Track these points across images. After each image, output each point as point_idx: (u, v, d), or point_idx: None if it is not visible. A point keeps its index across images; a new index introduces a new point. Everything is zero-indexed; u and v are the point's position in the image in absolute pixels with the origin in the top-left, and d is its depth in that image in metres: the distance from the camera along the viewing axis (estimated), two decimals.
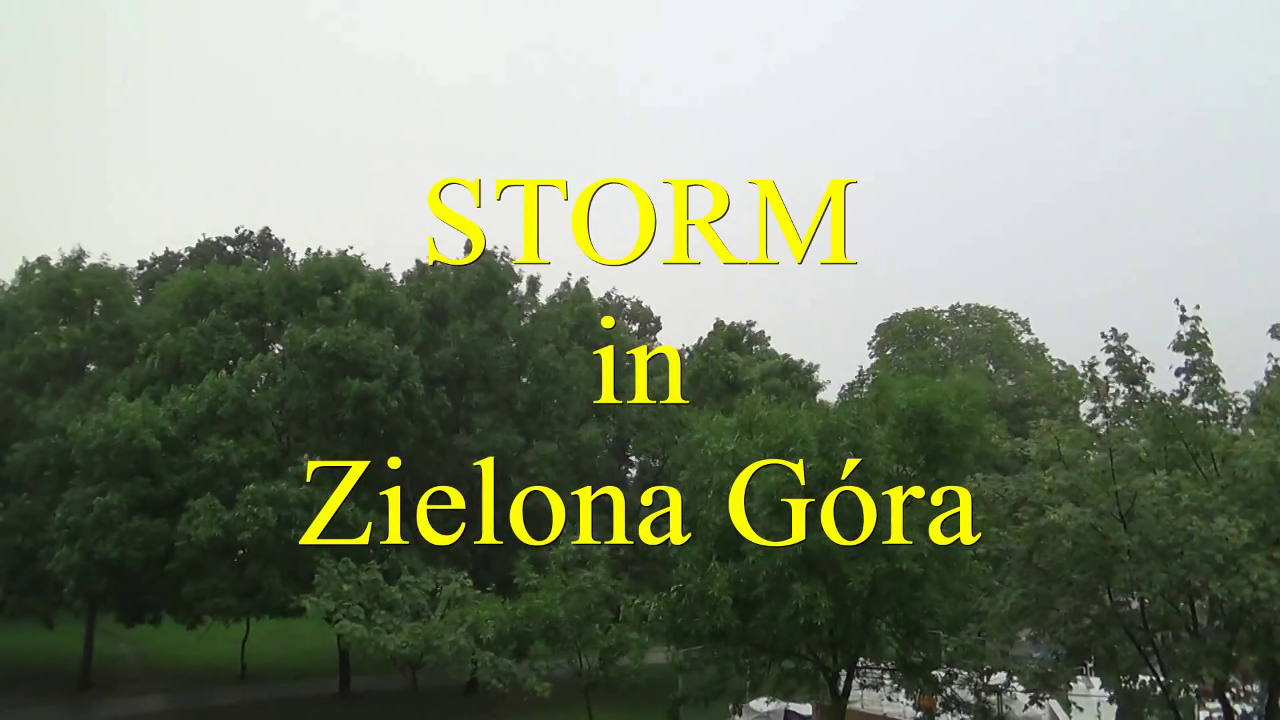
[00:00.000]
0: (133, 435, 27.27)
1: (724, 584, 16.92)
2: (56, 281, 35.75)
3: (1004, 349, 69.79)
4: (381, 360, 30.64)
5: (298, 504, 27.46)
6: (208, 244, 61.05)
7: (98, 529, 26.86)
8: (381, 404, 30.26)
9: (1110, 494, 13.69)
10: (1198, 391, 15.24)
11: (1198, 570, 12.92)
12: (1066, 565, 14.49)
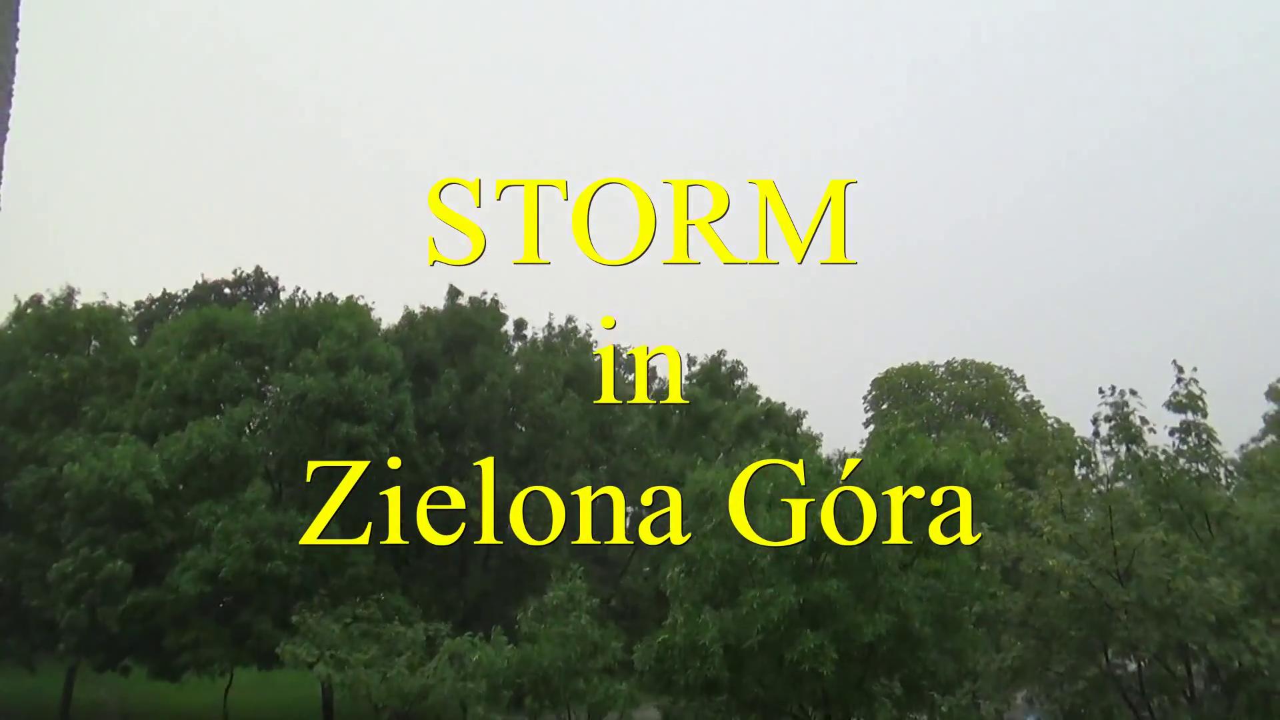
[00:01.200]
0: (124, 486, 26.99)
1: (715, 634, 16.75)
2: (50, 319, 35.71)
3: (999, 406, 69.85)
4: (374, 405, 30.49)
5: (271, 532, 27.04)
6: (205, 286, 61.35)
7: (105, 597, 26.49)
8: (372, 449, 30.07)
9: (1109, 550, 13.62)
10: (1191, 452, 15.27)
11: (1195, 632, 12.80)
12: (1063, 622, 14.35)
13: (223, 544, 26.48)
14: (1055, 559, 13.36)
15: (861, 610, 16.32)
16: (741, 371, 45.45)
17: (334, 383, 30.15)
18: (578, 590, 21.77)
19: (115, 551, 26.94)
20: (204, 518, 27.99)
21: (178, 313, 58.50)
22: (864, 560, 17.07)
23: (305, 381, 30.46)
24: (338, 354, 31.64)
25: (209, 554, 26.70)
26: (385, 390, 31.31)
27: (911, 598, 16.74)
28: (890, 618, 16.26)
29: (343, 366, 31.19)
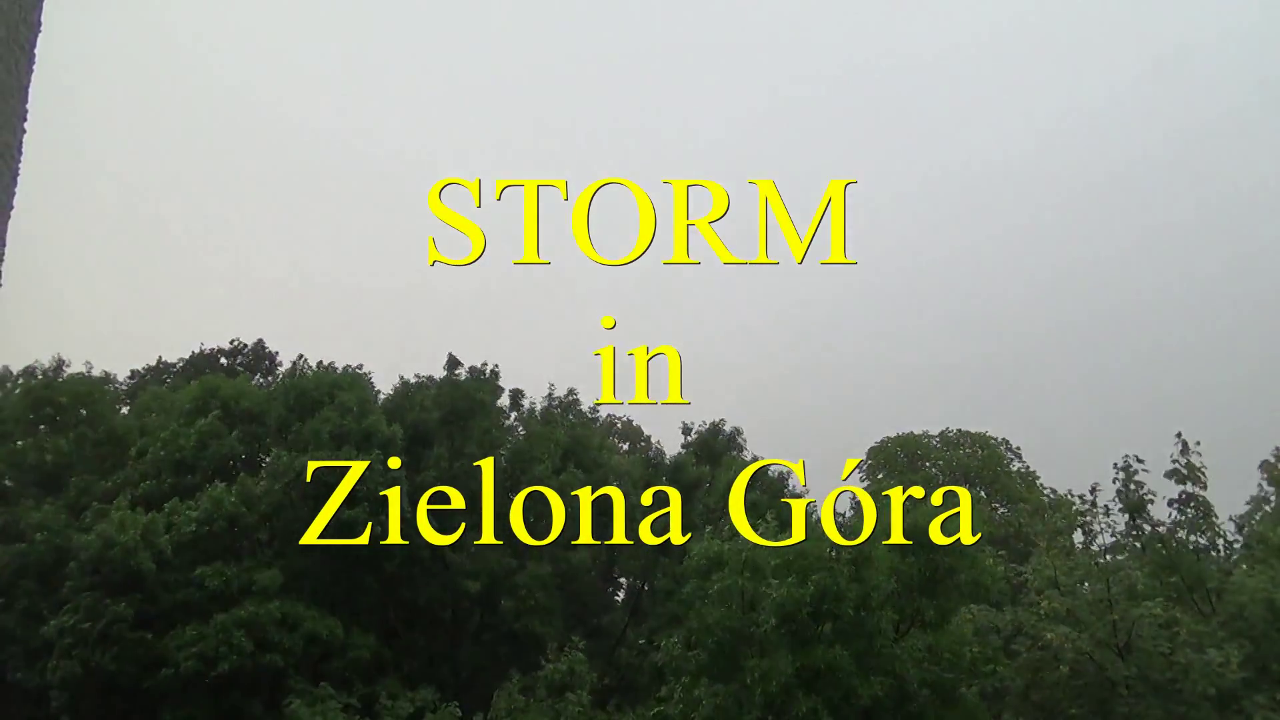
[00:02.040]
0: (130, 554, 26.75)
1: (709, 711, 16.52)
2: (37, 391, 35.78)
3: (994, 476, 69.76)
4: (366, 485, 30.37)
5: (272, 624, 26.69)
6: (202, 355, 61.46)
7: (102, 642, 26.07)
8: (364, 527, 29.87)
9: (1107, 623, 13.52)
10: (1189, 524, 15.29)
11: (1197, 708, 12.63)
12: (1064, 698, 14.17)
13: (222, 639, 26.12)
14: (1054, 632, 13.27)
15: (858, 675, 16.16)
16: (741, 444, 45.28)
17: (334, 458, 30.06)
18: (579, 665, 21.44)
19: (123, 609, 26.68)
20: (211, 578, 27.65)
21: (172, 381, 58.59)
22: (859, 628, 17.02)
23: (300, 460, 30.35)
24: (339, 427, 31.62)
25: (208, 640, 26.35)
26: (377, 468, 31.23)
27: (907, 661, 16.56)
28: (886, 680, 16.06)
29: (343, 441, 31.15)
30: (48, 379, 36.42)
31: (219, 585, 27.51)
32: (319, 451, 30.66)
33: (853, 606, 16.94)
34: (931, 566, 18.19)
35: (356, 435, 31.65)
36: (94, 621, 26.13)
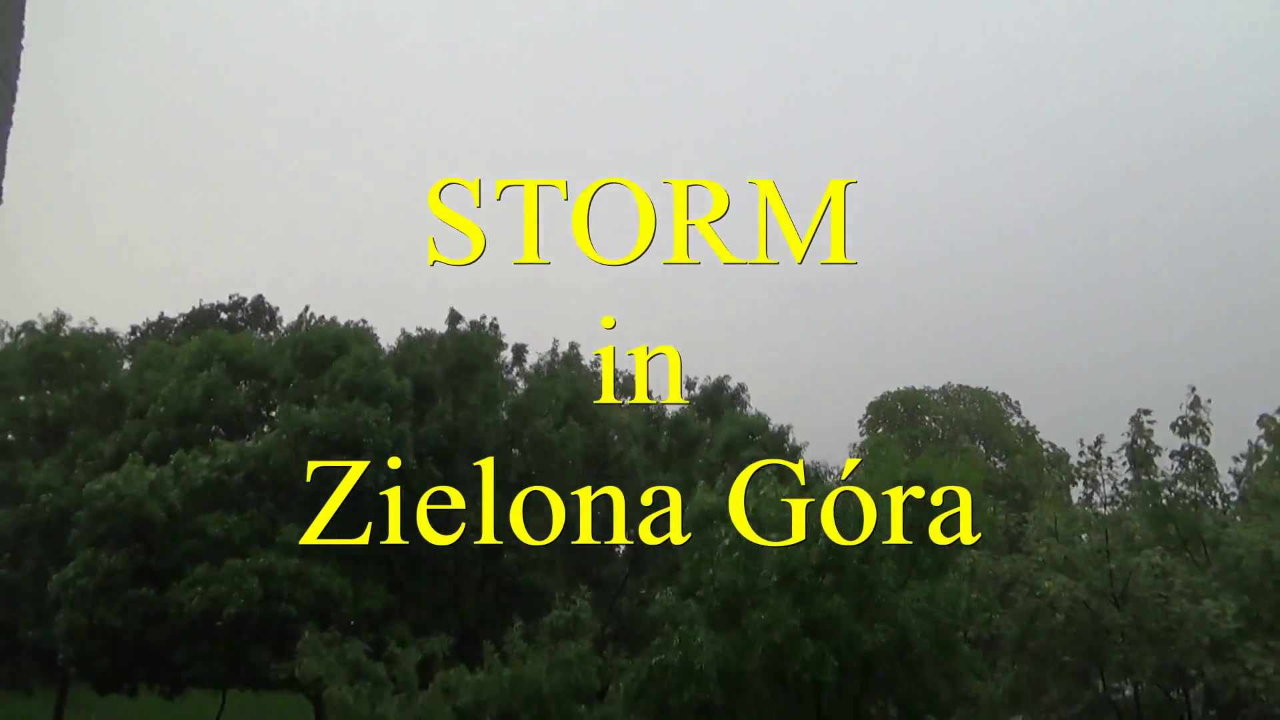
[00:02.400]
0: (139, 505, 26.91)
1: (710, 657, 16.71)
2: (39, 346, 35.73)
3: (994, 430, 70.12)
4: (373, 439, 30.48)
5: (285, 577, 26.96)
6: (202, 311, 61.50)
7: (101, 594, 26.28)
8: (370, 479, 30.05)
9: (1104, 572, 13.65)
10: (1190, 476, 15.37)
11: (1191, 656, 12.82)
12: (1059, 646, 14.36)
13: (234, 584, 26.30)
14: (1051, 580, 13.40)
15: (861, 623, 16.38)
16: (745, 399, 45.34)
17: (335, 416, 30.14)
18: (584, 613, 21.64)
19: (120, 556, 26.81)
20: (213, 527, 27.83)
21: (173, 337, 58.62)
22: (860, 580, 17.21)
23: (309, 416, 30.39)
24: (354, 379, 31.70)
25: (218, 583, 26.53)
26: (386, 422, 31.31)
27: (909, 611, 16.75)
28: (889, 628, 16.28)
29: (357, 394, 31.21)
30: (50, 333, 36.35)
31: (221, 533, 27.63)
32: (327, 406, 30.68)
33: (856, 559, 17.11)
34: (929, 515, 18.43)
35: (367, 387, 31.73)
36: (92, 575, 26.28)
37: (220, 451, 29.62)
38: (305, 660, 22.55)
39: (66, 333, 36.49)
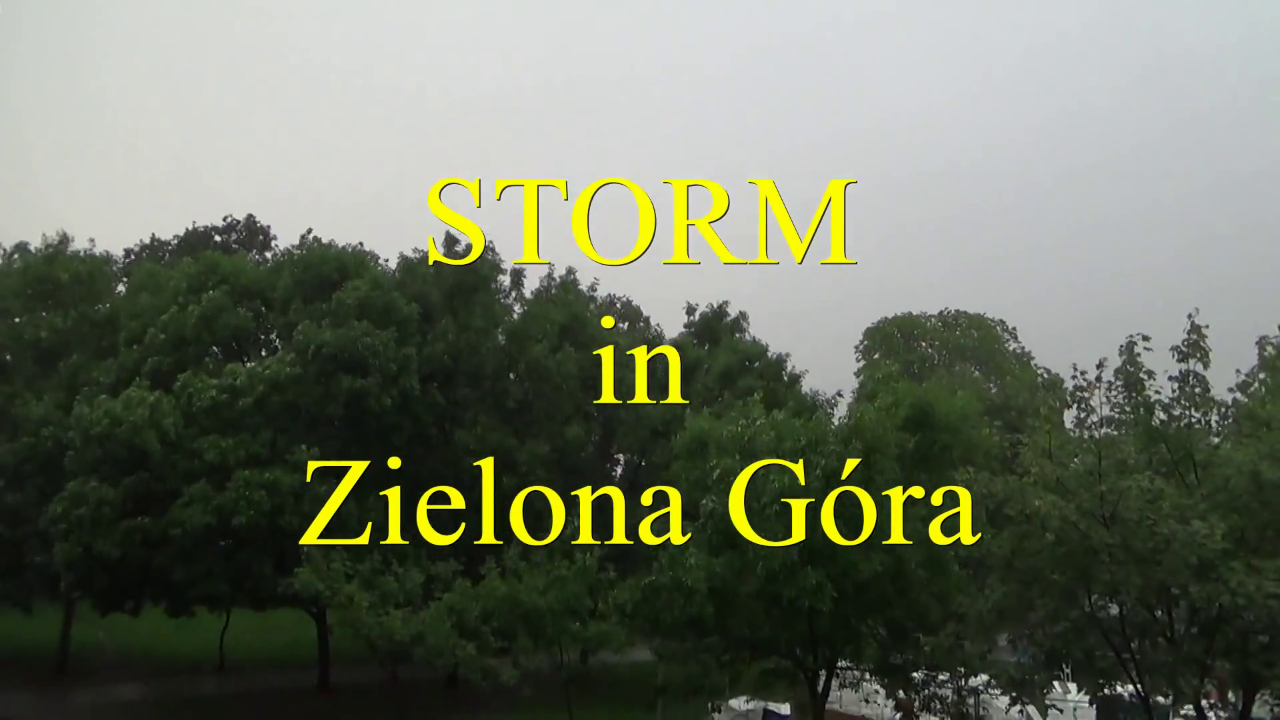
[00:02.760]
0: (136, 433, 26.85)
1: (699, 575, 17.03)
2: (37, 268, 35.31)
3: (990, 355, 70.25)
4: (379, 359, 30.48)
5: (290, 492, 27.17)
6: (196, 232, 60.91)
7: (96, 526, 26.38)
8: (375, 401, 30.14)
9: (1095, 494, 13.78)
10: (1186, 399, 15.37)
11: (1176, 575, 13.03)
12: (1047, 566, 14.57)
13: (241, 494, 26.43)
14: (1042, 499, 13.53)
15: (859, 551, 16.64)
16: (744, 326, 45.22)
17: (345, 336, 30.08)
18: (580, 530, 21.97)
19: (116, 487, 26.88)
20: (209, 451, 27.92)
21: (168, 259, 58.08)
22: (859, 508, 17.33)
23: (324, 334, 30.28)
24: (367, 299, 31.57)
25: (229, 492, 26.70)
26: (391, 344, 31.30)
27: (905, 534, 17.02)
28: (885, 557, 16.59)
29: (366, 315, 31.09)
30: (51, 253, 35.89)
31: (217, 459, 27.73)
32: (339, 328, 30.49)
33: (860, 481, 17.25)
34: (929, 443, 18.64)
35: (377, 310, 31.64)
36: (83, 507, 26.33)
37: (228, 373, 29.45)
38: (302, 572, 22.96)
39: (68, 254, 36.08)
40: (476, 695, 27.61)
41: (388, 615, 22.67)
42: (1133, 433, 15.50)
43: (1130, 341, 15.59)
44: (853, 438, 17.28)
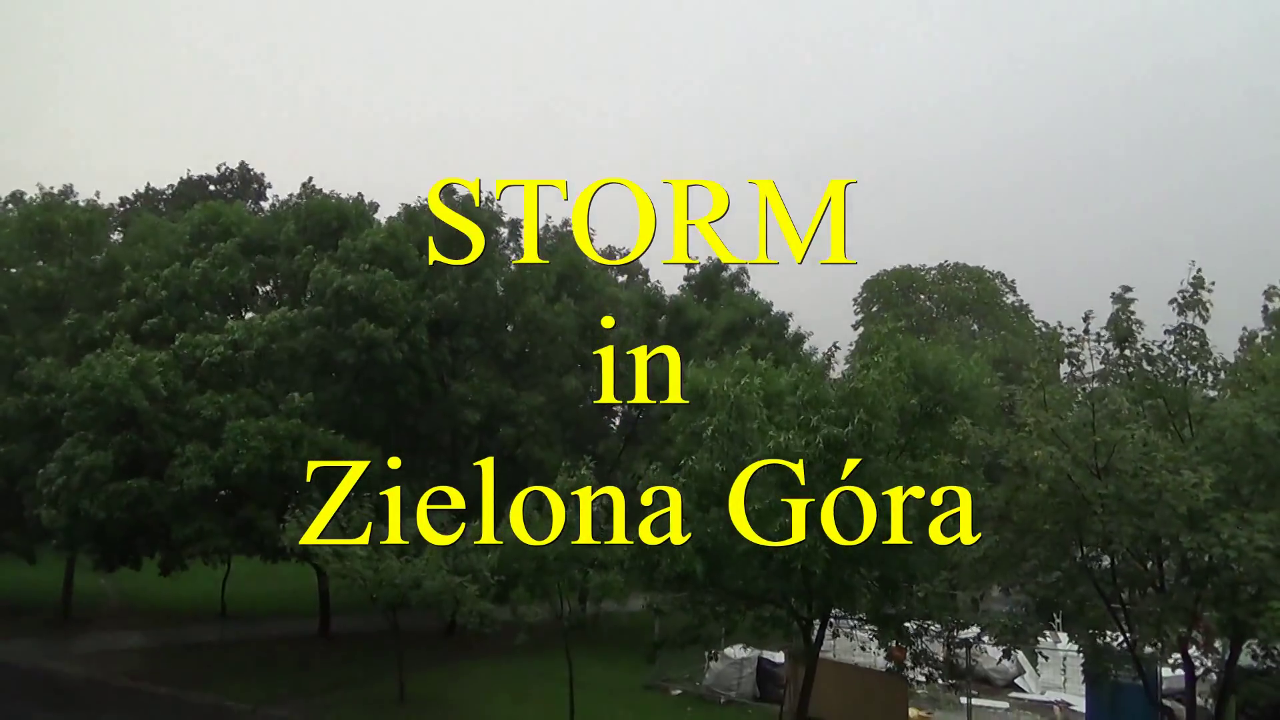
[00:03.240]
0: (121, 395, 26.66)
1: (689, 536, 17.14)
2: (38, 215, 34.93)
3: (989, 309, 70.13)
4: (398, 308, 30.39)
5: (287, 437, 27.21)
6: (190, 181, 60.44)
7: (84, 488, 26.23)
8: (387, 352, 30.14)
9: (1089, 444, 13.80)
10: (1184, 350, 15.25)
11: (1168, 525, 13.13)
12: (1040, 516, 14.65)
13: (240, 442, 26.38)
14: (1040, 450, 13.54)
15: (853, 515, 16.72)
16: (744, 281, 44.92)
17: (367, 279, 29.84)
18: (586, 480, 22.02)
19: (106, 449, 26.74)
20: (205, 408, 27.83)
21: (164, 209, 57.61)
22: (858, 476, 17.36)
23: (345, 276, 30.02)
24: (382, 246, 31.38)
25: (219, 449, 26.62)
26: (410, 293, 31.25)
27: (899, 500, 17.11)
28: (881, 524, 16.69)
29: (380, 263, 30.90)
30: (50, 202, 35.53)
31: (215, 415, 27.65)
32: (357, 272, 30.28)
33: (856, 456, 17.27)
34: (932, 403, 18.61)
35: (389, 258, 31.46)
36: (74, 473, 26.19)
37: (228, 329, 29.26)
38: (290, 529, 23.17)
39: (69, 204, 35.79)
40: (475, 642, 28.01)
41: (383, 563, 22.89)
42: (1125, 385, 15.45)
43: (1120, 293, 15.45)
44: (854, 401, 17.18)
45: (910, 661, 20.15)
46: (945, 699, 26.32)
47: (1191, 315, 15.30)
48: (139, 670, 28.25)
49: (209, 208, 34.80)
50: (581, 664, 23.22)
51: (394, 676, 25.85)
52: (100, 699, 25.28)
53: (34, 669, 28.01)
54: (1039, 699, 27.73)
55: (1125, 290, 15.48)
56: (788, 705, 23.65)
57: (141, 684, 26.73)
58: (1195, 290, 15.22)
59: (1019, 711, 26.90)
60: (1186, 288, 15.23)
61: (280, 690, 26.31)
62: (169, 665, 28.94)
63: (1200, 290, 15.22)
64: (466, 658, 30.82)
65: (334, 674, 28.56)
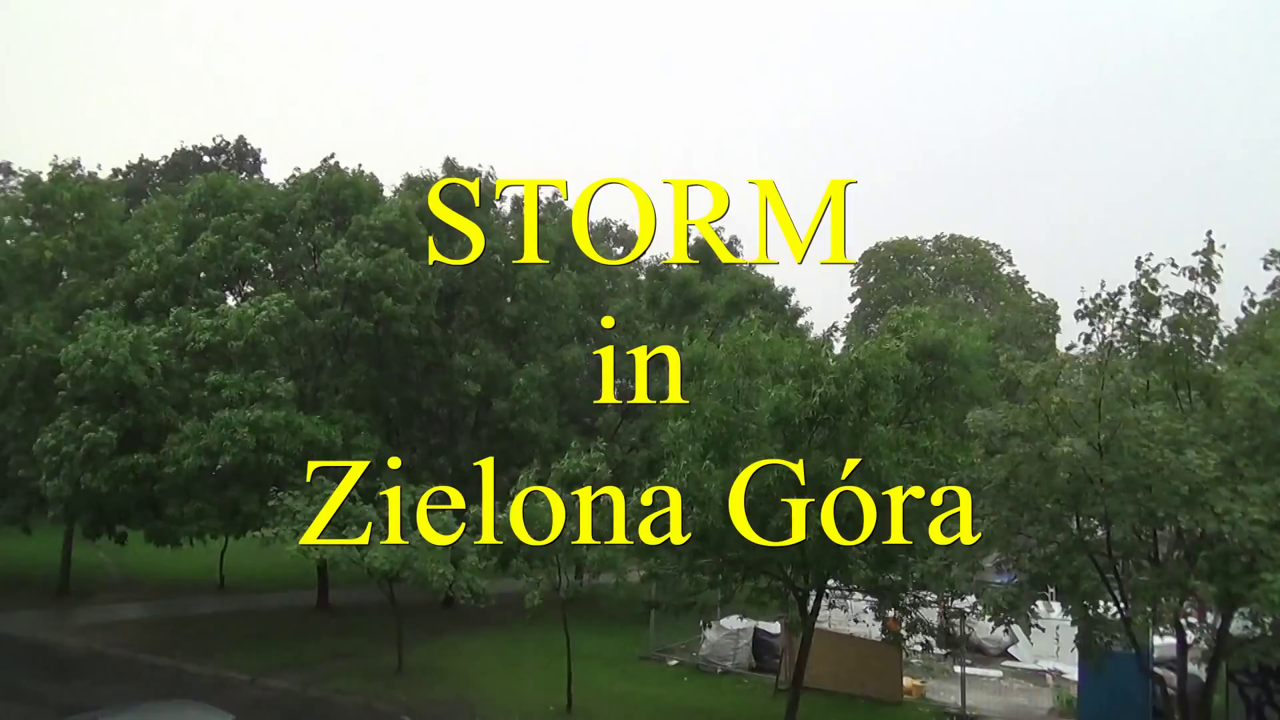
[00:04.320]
0: (120, 371, 26.33)
1: (720, 481, 17.06)
2: (41, 188, 34.68)
3: (985, 280, 70.09)
4: (408, 287, 30.52)
5: (274, 427, 27.18)
6: (184, 153, 59.99)
7: (87, 462, 26.08)
8: (405, 329, 30.55)
9: (1098, 424, 13.72)
10: (1192, 322, 15.00)
11: (1166, 503, 13.13)
12: (1041, 493, 14.65)
13: (225, 434, 26.32)
14: (1061, 443, 13.34)
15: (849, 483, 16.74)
16: (738, 251, 45.17)
17: (375, 263, 29.87)
18: (598, 463, 22.06)
19: (107, 425, 26.66)
20: (204, 387, 27.66)
21: (156, 182, 57.20)
22: (855, 441, 17.40)
23: (356, 260, 29.99)
24: (391, 224, 31.32)
25: (211, 432, 26.57)
26: (423, 273, 31.33)
27: (895, 475, 17.12)
28: (874, 490, 16.71)
29: (391, 241, 30.84)
30: (55, 174, 35.24)
31: (206, 393, 27.50)
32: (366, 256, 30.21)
33: (853, 420, 17.27)
34: (935, 373, 18.62)
35: (399, 234, 31.42)
36: (76, 445, 26.16)
37: (221, 313, 28.96)
38: (267, 531, 23.26)
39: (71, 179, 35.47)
40: (474, 615, 28.20)
41: (371, 546, 23.01)
42: (1140, 356, 15.18)
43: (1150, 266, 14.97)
44: (854, 369, 17.17)
45: (905, 631, 20.31)
46: (939, 668, 26.60)
47: (1199, 283, 14.99)
48: (138, 642, 28.39)
49: (211, 179, 33.99)
50: (579, 635, 23.39)
51: (392, 648, 26.01)
52: (100, 670, 25.40)
53: (33, 640, 28.13)
54: (1032, 668, 28.04)
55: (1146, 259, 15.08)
56: (783, 675, 23.88)
57: (141, 655, 26.86)
58: (1205, 258, 14.89)
59: (1012, 680, 27.21)
60: (1202, 255, 14.88)
61: (279, 661, 26.47)
62: (168, 637, 29.08)
63: (1210, 256, 14.89)
64: (465, 629, 31.04)
65: (332, 645, 28.73)
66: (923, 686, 25.57)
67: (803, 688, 20.31)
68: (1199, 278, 14.88)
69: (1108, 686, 19.69)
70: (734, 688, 25.66)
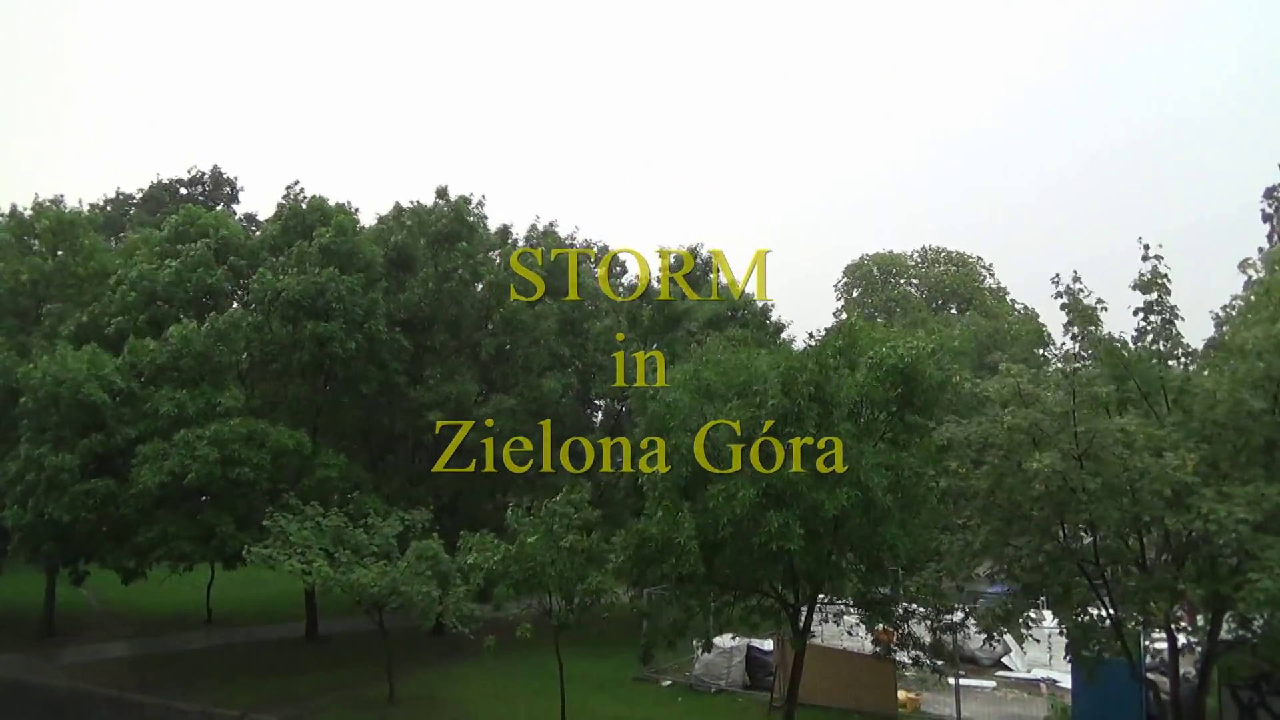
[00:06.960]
0: (78, 389, 26.39)
1: (691, 531, 16.86)
2: (18, 220, 34.81)
3: (970, 293, 70.44)
4: (343, 304, 30.22)
5: (236, 439, 27.03)
6: (160, 186, 59.87)
7: (50, 490, 25.98)
8: (339, 346, 29.98)
9: (1070, 435, 13.83)
10: (1154, 331, 15.41)
11: (1150, 506, 13.19)
12: (1025, 503, 14.70)
13: (187, 452, 26.15)
14: (1039, 461, 13.46)
15: (824, 490, 16.55)
16: (716, 267, 44.95)
17: (307, 281, 29.83)
18: (583, 501, 21.92)
19: (72, 452, 26.50)
20: (163, 404, 27.51)
21: (133, 214, 57.04)
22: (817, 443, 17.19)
23: (283, 280, 30.05)
24: (330, 245, 31.26)
25: (174, 454, 26.36)
26: (358, 289, 31.04)
27: (870, 469, 16.80)
28: (852, 491, 16.46)
29: (333, 260, 30.84)
30: (42, 209, 35.44)
31: (173, 411, 27.44)
32: (301, 274, 30.27)
33: (814, 425, 17.03)
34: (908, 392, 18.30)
35: (341, 255, 31.36)
36: (39, 472, 25.98)
37: (171, 334, 28.94)
38: (256, 550, 23.13)
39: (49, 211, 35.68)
40: (464, 642, 27.90)
41: (359, 570, 22.86)
42: (1100, 367, 15.49)
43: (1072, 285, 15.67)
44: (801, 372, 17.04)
45: (897, 644, 20.20)
46: (933, 680, 26.48)
47: (1154, 293, 15.50)
48: (125, 680, 28.02)
49: (187, 211, 34.76)
50: (571, 659, 23.17)
51: (383, 678, 25.74)
52: (88, 710, 25.11)
53: (18, 682, 27.72)
54: (1026, 677, 27.97)
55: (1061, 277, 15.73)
56: (778, 692, 23.75)
57: (128, 694, 26.51)
58: (1153, 267, 15.49)
59: (1006, 690, 27.12)
60: (1143, 268, 15.51)
61: (268, 695, 26.16)
62: (155, 674, 28.71)
63: (1157, 264, 15.47)
64: (456, 657, 30.72)
65: (322, 677, 28.42)
66: (918, 699, 25.46)
67: (798, 704, 20.19)
68: (1151, 288, 15.42)
69: (1101, 694, 19.68)
70: (729, 706, 25.50)
